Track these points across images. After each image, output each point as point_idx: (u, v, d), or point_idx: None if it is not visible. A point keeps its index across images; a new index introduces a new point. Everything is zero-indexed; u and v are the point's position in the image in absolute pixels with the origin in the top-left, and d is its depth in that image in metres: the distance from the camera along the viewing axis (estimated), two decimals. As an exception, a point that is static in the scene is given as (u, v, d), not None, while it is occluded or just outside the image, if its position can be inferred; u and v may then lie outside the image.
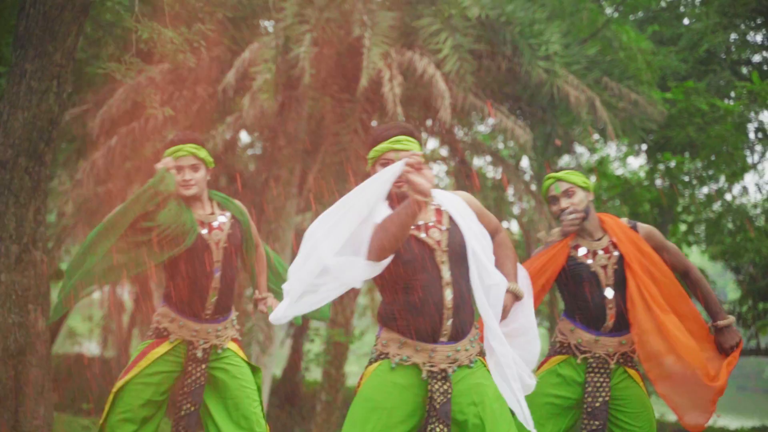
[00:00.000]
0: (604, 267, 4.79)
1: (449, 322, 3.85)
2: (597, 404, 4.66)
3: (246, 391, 4.94)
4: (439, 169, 18.02)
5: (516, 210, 15.92)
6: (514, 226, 17.73)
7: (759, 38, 15.51)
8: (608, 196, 15.61)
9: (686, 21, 15.55)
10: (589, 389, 4.69)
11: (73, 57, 6.64)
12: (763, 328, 14.20)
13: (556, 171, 4.97)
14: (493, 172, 16.17)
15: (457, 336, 3.88)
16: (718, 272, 25.77)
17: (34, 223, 6.70)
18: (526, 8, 11.63)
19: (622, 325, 4.75)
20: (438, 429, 3.81)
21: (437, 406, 3.83)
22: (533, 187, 14.66)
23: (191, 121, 13.05)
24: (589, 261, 4.82)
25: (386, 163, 3.98)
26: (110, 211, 4.90)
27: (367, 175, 11.28)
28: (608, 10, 14.89)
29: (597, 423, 4.66)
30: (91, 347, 23.31)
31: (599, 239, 4.87)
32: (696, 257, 21.40)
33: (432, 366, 3.85)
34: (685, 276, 4.90)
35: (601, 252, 4.83)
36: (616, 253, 4.81)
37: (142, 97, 7.55)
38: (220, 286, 4.92)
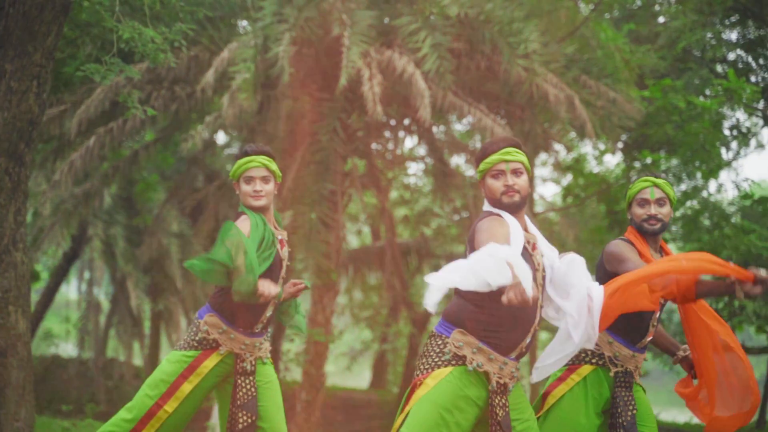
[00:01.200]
0: None
1: (527, 341, 4.00)
2: (628, 418, 4.66)
3: (276, 406, 4.92)
4: (417, 168, 18.05)
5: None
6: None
7: (734, 36, 15.62)
8: (585, 195, 15.67)
9: (661, 19, 15.62)
10: (621, 404, 4.68)
11: (52, 57, 6.61)
12: (740, 325, 14.28)
13: (655, 176, 4.86)
14: (470, 170, 16.20)
15: (522, 354, 4.02)
16: (694, 269, 25.90)
17: (15, 224, 6.66)
18: (505, 7, 11.65)
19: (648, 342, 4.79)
20: None
21: (499, 420, 3.94)
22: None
23: (170, 121, 13.01)
24: None
25: (497, 175, 4.05)
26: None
27: (347, 175, 11.28)
28: (584, 7, 14.92)
29: None
30: (67, 348, 23.20)
31: (661, 257, 4.82)
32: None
33: (500, 378, 3.95)
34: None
35: None
36: None
37: (123, 96, 7.51)
38: (277, 301, 4.89)
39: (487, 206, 4.10)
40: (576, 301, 4.01)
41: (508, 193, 4.01)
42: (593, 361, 4.76)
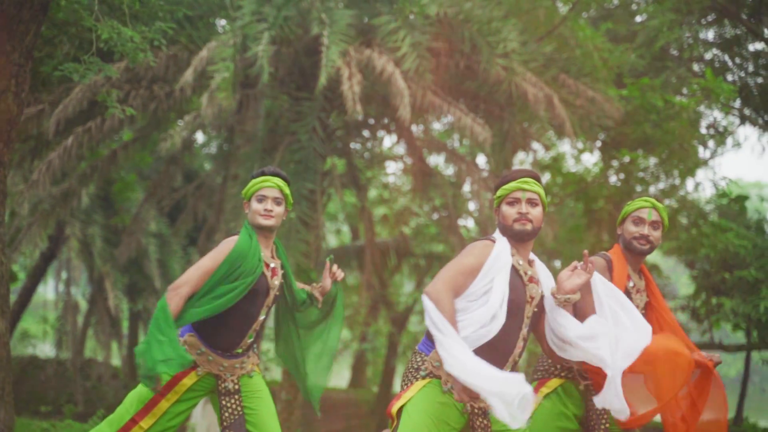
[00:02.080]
0: (637, 306, 4.79)
1: (507, 371, 4.04)
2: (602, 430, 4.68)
3: (269, 413, 4.93)
4: (396, 167, 18.04)
5: (472, 206, 15.97)
6: (470, 223, 17.81)
7: (711, 35, 15.70)
8: (564, 194, 15.71)
9: (639, 18, 15.68)
10: (593, 417, 4.69)
11: (31, 56, 6.56)
12: (716, 322, 14.36)
13: (656, 199, 4.89)
14: (449, 169, 16.22)
15: None
16: (671, 267, 26.06)
17: (-7, 224, 6.62)
18: (484, 6, 11.67)
19: None
20: None
21: None
22: (491, 184, 14.71)
23: (148, 120, 12.94)
24: (634, 296, 4.82)
25: (512, 202, 4.13)
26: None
27: (326, 174, 11.27)
28: (562, 7, 14.95)
29: None
30: (45, 349, 23.06)
31: (640, 279, 4.89)
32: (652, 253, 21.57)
33: (474, 402, 3.98)
34: None
35: (641, 292, 4.86)
36: (644, 298, 4.85)
37: (102, 96, 7.46)
38: (259, 329, 4.89)
39: (496, 233, 4.17)
40: (603, 337, 4.10)
41: (520, 221, 4.08)
42: (562, 374, 4.78)
